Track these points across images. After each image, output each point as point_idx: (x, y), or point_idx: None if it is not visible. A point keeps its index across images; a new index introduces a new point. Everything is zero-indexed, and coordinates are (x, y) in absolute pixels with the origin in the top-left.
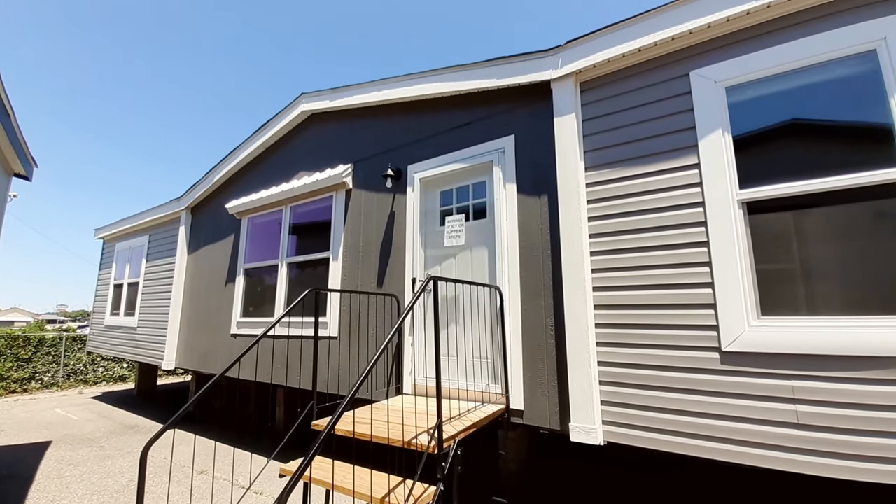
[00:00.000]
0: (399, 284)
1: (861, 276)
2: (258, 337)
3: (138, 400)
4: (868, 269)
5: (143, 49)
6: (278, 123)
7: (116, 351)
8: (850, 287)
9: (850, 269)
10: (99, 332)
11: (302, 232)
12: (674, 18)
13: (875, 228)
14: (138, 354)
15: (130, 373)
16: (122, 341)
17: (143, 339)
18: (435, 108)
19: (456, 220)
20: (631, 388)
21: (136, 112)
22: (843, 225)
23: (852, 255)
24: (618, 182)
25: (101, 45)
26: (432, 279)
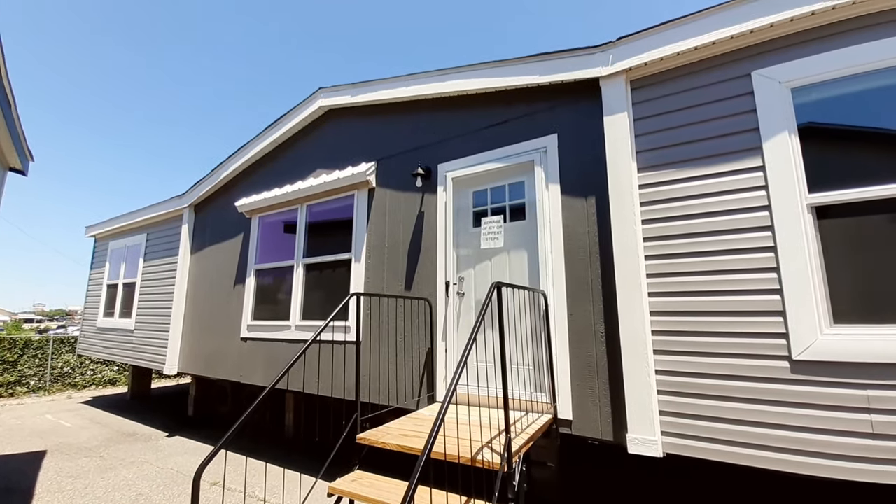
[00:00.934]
0: (429, 287)
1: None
2: (308, 342)
3: (132, 404)
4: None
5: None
6: (293, 119)
7: (110, 354)
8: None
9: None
10: (90, 335)
11: (319, 232)
12: (734, 17)
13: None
14: (136, 358)
15: (121, 376)
16: (116, 344)
17: (142, 343)
18: (468, 105)
19: (493, 220)
20: (692, 397)
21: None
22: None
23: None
24: (674, 184)
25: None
26: (497, 286)
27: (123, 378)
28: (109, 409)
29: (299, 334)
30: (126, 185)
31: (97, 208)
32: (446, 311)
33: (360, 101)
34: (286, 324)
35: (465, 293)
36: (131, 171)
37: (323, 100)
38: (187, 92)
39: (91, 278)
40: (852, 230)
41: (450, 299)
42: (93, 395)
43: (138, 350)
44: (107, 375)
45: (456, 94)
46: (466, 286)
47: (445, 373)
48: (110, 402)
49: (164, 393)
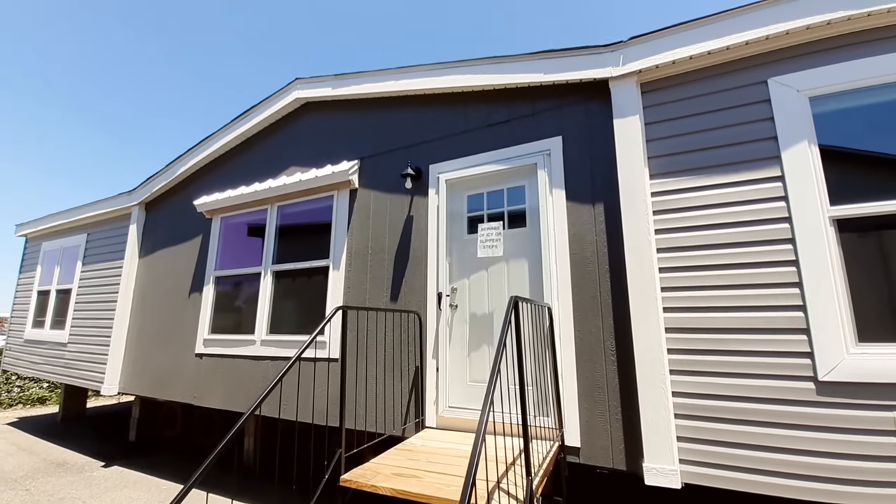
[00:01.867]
0: (418, 298)
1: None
2: (292, 359)
3: (64, 428)
4: None
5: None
6: (264, 111)
7: (40, 370)
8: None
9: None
10: (17, 348)
11: (291, 236)
12: (749, 22)
13: None
14: (69, 376)
15: (52, 394)
16: (46, 359)
17: (76, 358)
18: (464, 103)
19: (492, 227)
20: (712, 421)
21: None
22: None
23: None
24: (688, 192)
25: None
26: (514, 300)
27: (55, 396)
28: (38, 433)
29: (266, 350)
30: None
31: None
32: (438, 324)
33: (343, 95)
34: (250, 338)
35: (457, 305)
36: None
37: (299, 91)
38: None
39: (20, 283)
40: (874, 245)
41: (442, 312)
42: (19, 416)
43: (72, 367)
44: (35, 393)
45: (451, 90)
46: (460, 298)
47: (436, 394)
48: (39, 425)
49: (101, 413)
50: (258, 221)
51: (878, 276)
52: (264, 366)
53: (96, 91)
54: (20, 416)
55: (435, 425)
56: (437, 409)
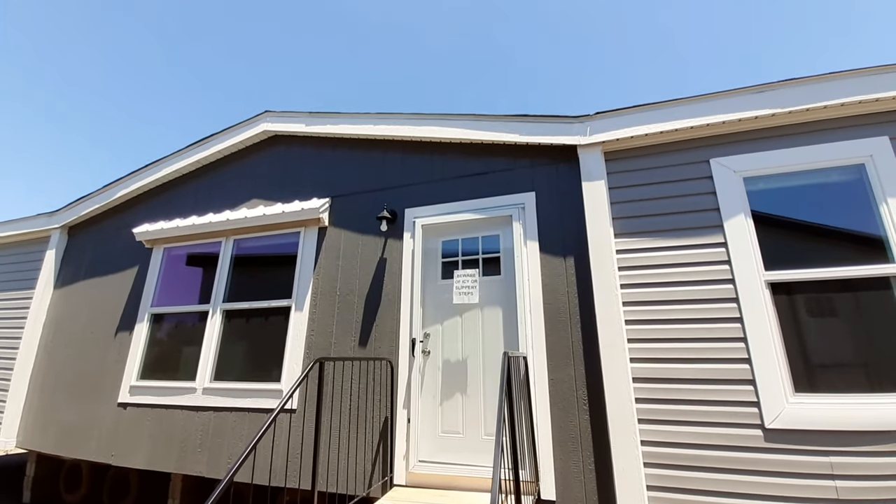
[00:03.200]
0: (389, 344)
1: (877, 356)
2: (276, 410)
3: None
4: (883, 350)
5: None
6: (227, 139)
7: None
8: (869, 366)
9: (865, 349)
10: None
11: (247, 272)
12: (692, 111)
13: (882, 314)
14: None
15: None
16: None
17: None
18: (442, 152)
19: (467, 274)
20: (677, 469)
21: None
22: (854, 309)
23: (868, 336)
24: (647, 252)
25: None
26: (507, 357)
27: None
28: None
29: (208, 399)
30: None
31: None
32: (410, 372)
33: (317, 133)
34: (190, 385)
35: (430, 351)
36: None
37: (269, 124)
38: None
39: None
40: (801, 306)
41: (415, 359)
42: None
43: None
44: None
45: (430, 139)
46: (432, 344)
47: (406, 448)
48: None
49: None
50: (211, 254)
51: (805, 334)
52: (205, 418)
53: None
54: None
55: (404, 482)
56: (408, 465)
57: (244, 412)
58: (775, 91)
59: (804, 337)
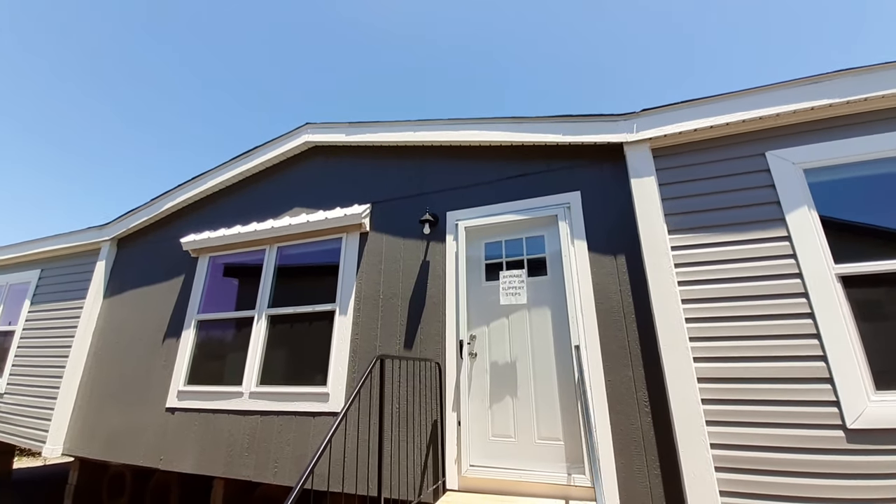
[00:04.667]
0: (435, 347)
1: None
2: (341, 413)
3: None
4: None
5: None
6: (270, 152)
7: None
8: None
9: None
10: None
11: (291, 278)
12: (742, 104)
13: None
14: (3, 432)
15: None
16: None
17: (14, 412)
18: (482, 156)
19: (514, 275)
20: (751, 473)
21: None
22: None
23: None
24: (704, 248)
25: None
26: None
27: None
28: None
29: (255, 404)
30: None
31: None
32: (458, 375)
33: (357, 142)
34: (236, 390)
35: (477, 353)
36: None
37: (310, 135)
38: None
39: None
40: (877, 299)
41: (463, 361)
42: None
43: (7, 422)
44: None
45: (470, 143)
46: (479, 346)
47: (457, 452)
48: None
49: (30, 477)
50: (255, 262)
51: (883, 329)
52: (251, 422)
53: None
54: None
55: (457, 487)
56: (460, 469)
57: (290, 416)
58: (832, 81)
59: (882, 332)
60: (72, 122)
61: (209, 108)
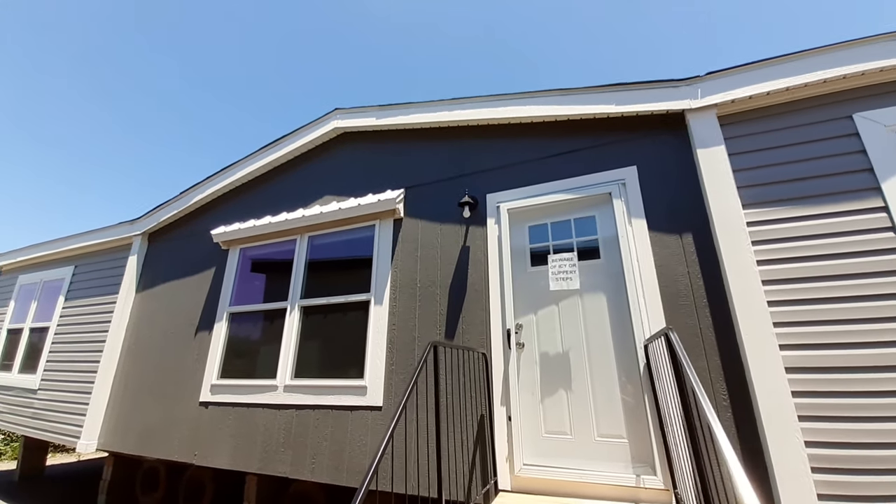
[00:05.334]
0: (478, 337)
1: None
2: (398, 410)
3: (24, 488)
4: None
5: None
6: (298, 140)
7: (2, 421)
8: None
9: None
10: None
11: (322, 268)
12: (824, 62)
13: None
14: (37, 428)
15: (7, 447)
16: (11, 408)
17: (48, 408)
18: (524, 133)
19: (565, 258)
20: (854, 473)
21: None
22: None
23: None
24: (786, 223)
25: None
26: (665, 333)
27: (9, 450)
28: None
29: (290, 397)
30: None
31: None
32: (507, 366)
33: (388, 125)
34: (271, 383)
35: (524, 344)
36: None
37: (339, 121)
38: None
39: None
40: None
41: (511, 352)
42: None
43: (41, 418)
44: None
45: (509, 121)
46: (526, 335)
47: (509, 449)
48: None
49: (64, 472)
50: (285, 252)
51: None
52: (287, 416)
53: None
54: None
55: (510, 488)
56: (512, 468)
57: (326, 410)
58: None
59: None
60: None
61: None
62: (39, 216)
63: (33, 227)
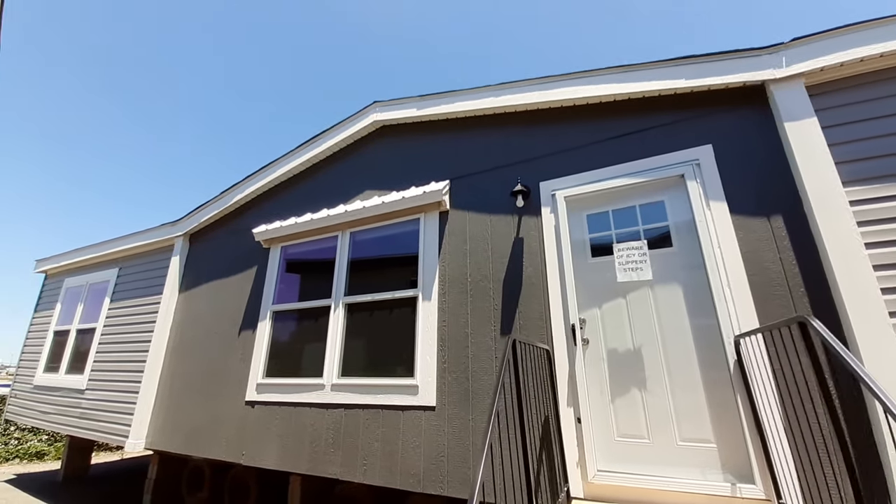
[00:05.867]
0: (539, 333)
1: None
2: (494, 407)
3: (68, 487)
4: None
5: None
6: (337, 135)
7: (49, 421)
8: None
9: None
10: (25, 394)
11: (365, 265)
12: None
13: None
14: (85, 428)
15: (50, 447)
16: (59, 408)
17: (96, 408)
18: (578, 116)
19: (633, 247)
20: None
21: None
22: None
23: None
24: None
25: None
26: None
27: (53, 450)
28: (39, 494)
29: (337, 396)
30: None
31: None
32: (572, 364)
33: (430, 115)
34: (317, 382)
35: (588, 339)
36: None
37: (378, 114)
38: None
39: (34, 323)
40: None
41: (577, 349)
42: (17, 473)
43: (89, 417)
44: (34, 446)
45: (563, 103)
46: (591, 331)
47: (580, 454)
48: (40, 484)
49: (108, 472)
50: (327, 249)
51: None
52: (335, 416)
53: None
54: (17, 473)
55: (582, 495)
56: (585, 474)
57: (376, 409)
58: None
59: None
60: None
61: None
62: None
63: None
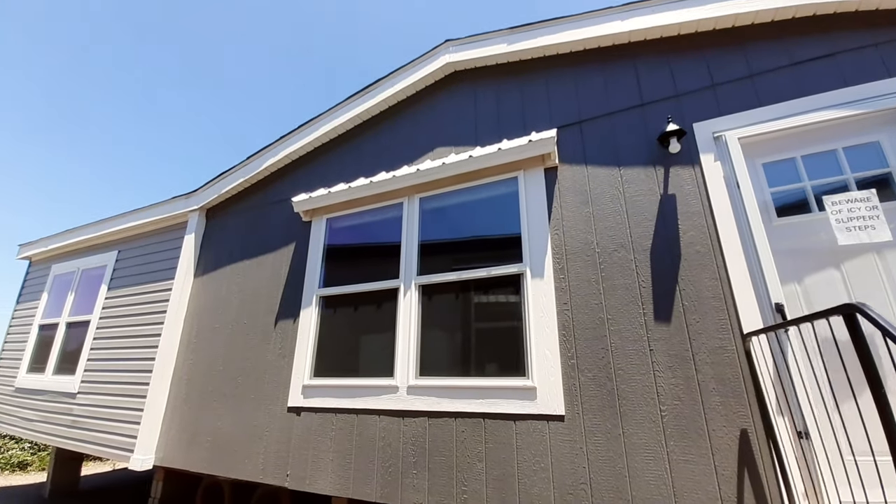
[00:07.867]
0: (717, 318)
1: None
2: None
3: (54, 502)
4: None
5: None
6: (398, 82)
7: (33, 430)
8: None
9: None
10: (4, 399)
11: (441, 238)
12: None
13: None
14: (77, 440)
15: (34, 457)
16: (43, 415)
17: (91, 415)
18: (742, 39)
19: (858, 198)
20: None
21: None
22: None
23: None
24: None
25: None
26: None
27: (38, 460)
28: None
29: (417, 401)
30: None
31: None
32: (781, 358)
33: (525, 49)
34: (387, 383)
35: None
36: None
37: (451, 55)
38: None
39: (15, 317)
40: None
41: (790, 339)
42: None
43: (82, 427)
44: (15, 455)
45: (714, 25)
46: (792, 312)
47: (810, 482)
48: (22, 500)
49: (101, 485)
50: (389, 221)
51: None
52: (416, 427)
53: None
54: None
55: None
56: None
57: (475, 418)
58: None
59: None
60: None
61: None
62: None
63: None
